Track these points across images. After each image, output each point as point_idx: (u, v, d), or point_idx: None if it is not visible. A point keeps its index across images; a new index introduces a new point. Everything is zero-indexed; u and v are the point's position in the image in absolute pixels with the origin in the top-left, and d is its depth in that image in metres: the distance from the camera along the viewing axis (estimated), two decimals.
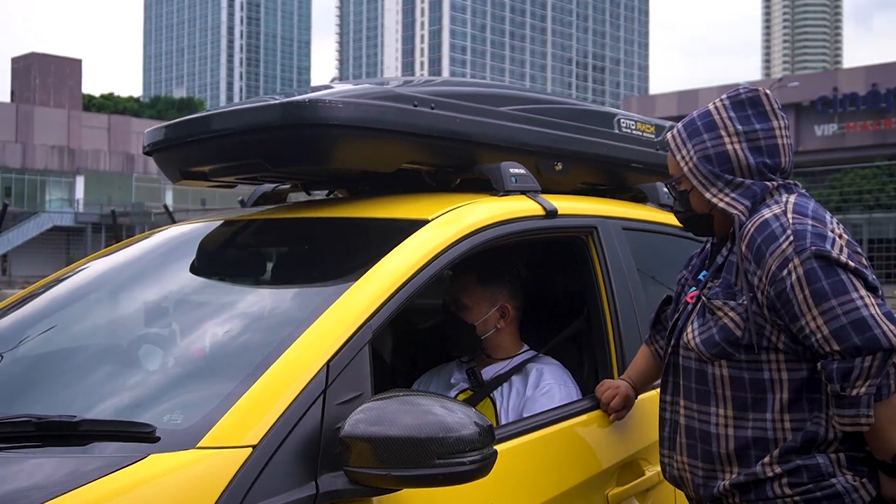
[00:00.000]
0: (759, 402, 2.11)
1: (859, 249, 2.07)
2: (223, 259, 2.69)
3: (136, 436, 1.71)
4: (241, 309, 2.28)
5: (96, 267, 2.71)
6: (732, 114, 2.21)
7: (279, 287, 2.36)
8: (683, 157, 2.25)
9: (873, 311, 1.96)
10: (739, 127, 2.19)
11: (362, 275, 2.05)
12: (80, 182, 52.86)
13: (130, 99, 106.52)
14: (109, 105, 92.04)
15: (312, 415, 1.77)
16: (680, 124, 2.30)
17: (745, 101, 2.22)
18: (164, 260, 2.67)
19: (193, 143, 2.55)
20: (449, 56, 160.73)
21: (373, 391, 1.90)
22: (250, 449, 1.67)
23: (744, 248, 2.11)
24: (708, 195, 2.20)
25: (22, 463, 1.70)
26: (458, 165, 2.71)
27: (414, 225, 2.27)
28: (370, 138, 2.44)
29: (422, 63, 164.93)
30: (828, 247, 2.00)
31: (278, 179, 2.90)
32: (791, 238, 2.02)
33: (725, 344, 2.12)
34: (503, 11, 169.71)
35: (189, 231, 2.78)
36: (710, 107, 2.25)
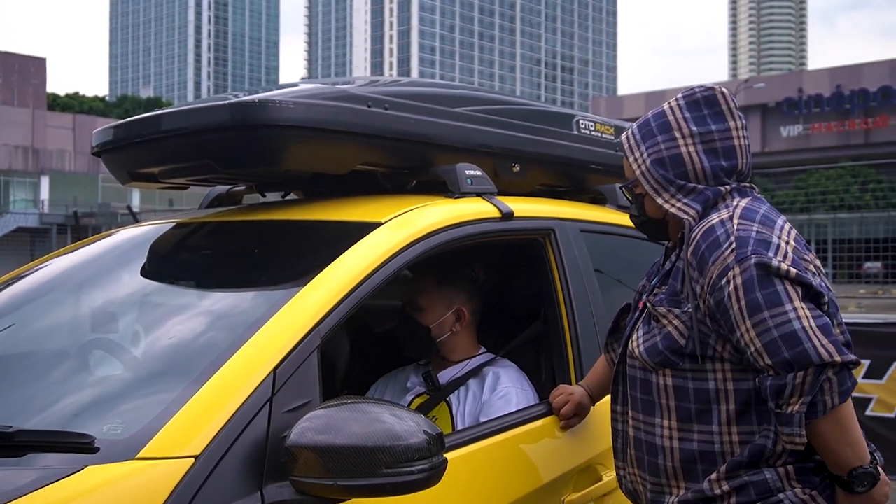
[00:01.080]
0: (704, 413, 2.03)
1: (807, 256, 2.00)
2: (172, 262, 2.62)
3: (73, 447, 1.66)
4: (187, 314, 2.23)
5: (43, 271, 2.64)
6: (688, 114, 2.14)
7: (226, 292, 2.30)
8: (637, 160, 2.17)
9: (805, 325, 1.87)
10: (694, 128, 2.12)
11: (311, 279, 2.01)
12: (44, 182, 52.23)
13: (96, 98, 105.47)
14: (75, 104, 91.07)
15: (258, 423, 1.73)
16: (634, 125, 2.23)
17: (701, 101, 2.15)
18: (112, 263, 2.60)
19: (142, 143, 2.49)
20: (418, 56, 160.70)
21: (321, 398, 1.86)
22: (192, 459, 1.62)
23: (689, 254, 2.04)
24: (660, 200, 2.13)
25: None
26: (413, 167, 2.67)
27: (366, 228, 2.23)
28: (322, 139, 2.39)
29: (391, 63, 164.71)
30: (770, 254, 1.92)
31: (230, 181, 2.85)
32: (733, 245, 1.94)
33: (669, 352, 2.05)
34: (472, 12, 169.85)
35: (139, 234, 2.72)
36: (665, 107, 2.18)
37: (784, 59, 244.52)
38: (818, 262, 2.06)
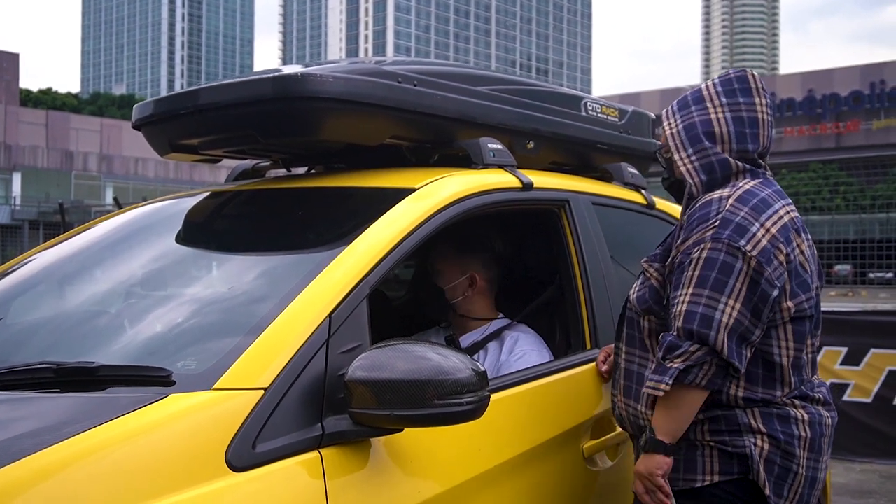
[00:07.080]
0: None
1: (782, 246, 2.24)
2: (231, 225, 2.80)
3: (153, 380, 1.80)
4: (247, 268, 2.38)
5: (95, 234, 2.78)
6: (720, 88, 2.44)
7: (282, 248, 2.45)
8: (670, 124, 2.46)
9: (725, 319, 2.17)
10: (724, 99, 2.41)
11: (358, 236, 2.17)
12: (16, 178, 51.74)
13: (69, 95, 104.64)
14: (48, 100, 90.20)
15: (317, 362, 1.89)
16: (675, 101, 2.52)
17: (733, 79, 2.45)
18: (172, 226, 2.74)
19: (186, 115, 2.64)
20: (394, 56, 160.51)
21: (371, 343, 2.02)
22: (262, 391, 1.77)
23: (685, 218, 2.35)
24: (675, 157, 2.41)
25: (47, 403, 1.79)
26: (437, 141, 2.84)
27: (401, 193, 2.40)
28: (358, 112, 2.55)
29: None
30: (742, 242, 2.20)
31: (265, 153, 3.00)
32: (716, 224, 2.23)
33: (653, 302, 2.39)
34: (447, 13, 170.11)
35: (191, 202, 2.85)
36: (702, 85, 2.48)
37: (756, 63, 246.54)
38: (797, 252, 2.29)
